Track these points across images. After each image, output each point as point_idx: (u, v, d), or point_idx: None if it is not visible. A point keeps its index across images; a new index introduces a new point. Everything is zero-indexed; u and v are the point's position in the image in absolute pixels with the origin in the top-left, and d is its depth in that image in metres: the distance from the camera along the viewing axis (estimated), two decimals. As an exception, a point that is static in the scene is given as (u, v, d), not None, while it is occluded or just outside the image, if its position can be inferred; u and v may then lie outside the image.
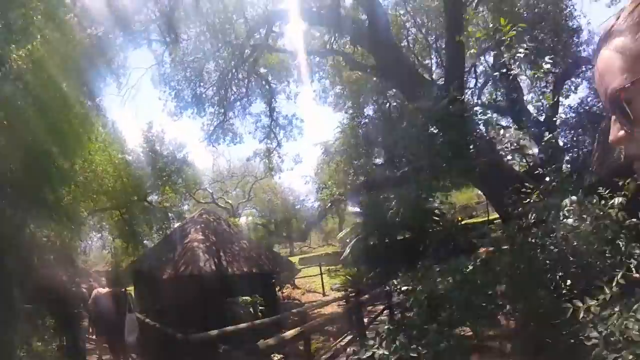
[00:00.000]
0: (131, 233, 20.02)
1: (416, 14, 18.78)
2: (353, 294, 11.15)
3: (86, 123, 12.41)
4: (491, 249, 4.86)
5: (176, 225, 21.11)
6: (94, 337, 10.95)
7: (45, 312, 8.80)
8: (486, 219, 20.18)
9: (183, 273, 13.22)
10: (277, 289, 18.10)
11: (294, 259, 25.16)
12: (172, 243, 15.46)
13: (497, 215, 11.82)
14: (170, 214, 21.39)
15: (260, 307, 12.58)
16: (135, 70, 20.02)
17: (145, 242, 20.64)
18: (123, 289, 7.92)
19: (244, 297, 12.77)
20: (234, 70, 18.10)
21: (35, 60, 8.04)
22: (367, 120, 22.05)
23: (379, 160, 22.02)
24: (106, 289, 7.80)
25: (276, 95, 21.97)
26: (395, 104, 20.79)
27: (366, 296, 10.85)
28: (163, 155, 20.58)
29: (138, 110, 62.95)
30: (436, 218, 20.18)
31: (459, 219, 22.03)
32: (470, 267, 4.60)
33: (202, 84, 20.36)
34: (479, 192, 21.47)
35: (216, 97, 20.83)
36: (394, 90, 18.12)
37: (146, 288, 15.32)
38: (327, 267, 24.25)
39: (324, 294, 19.34)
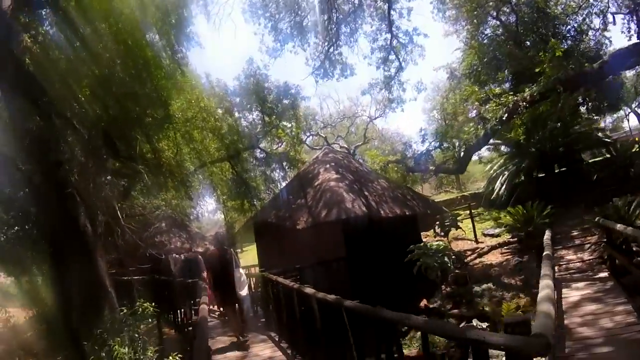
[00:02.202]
0: (244, 187, 17.23)
1: None
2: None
3: (176, 70, 10.71)
4: None
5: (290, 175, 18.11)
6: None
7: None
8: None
9: (325, 219, 9.78)
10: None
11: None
12: (299, 189, 12.10)
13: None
14: (284, 162, 18.16)
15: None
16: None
17: (261, 195, 17.76)
18: (226, 248, 7.48)
19: (433, 244, 9.22)
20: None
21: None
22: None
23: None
24: (213, 250, 7.84)
25: (394, 3, 17.19)
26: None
27: (547, 237, 8.54)
28: (268, 96, 17.13)
29: (232, 53, 61.65)
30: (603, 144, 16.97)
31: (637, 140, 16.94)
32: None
33: (301, 10, 16.57)
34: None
35: (320, 23, 17.01)
36: None
37: (274, 243, 12.30)
38: (458, 212, 19.80)
39: (476, 241, 14.92)
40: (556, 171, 18.06)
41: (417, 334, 8.22)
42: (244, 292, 7.17)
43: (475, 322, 7.80)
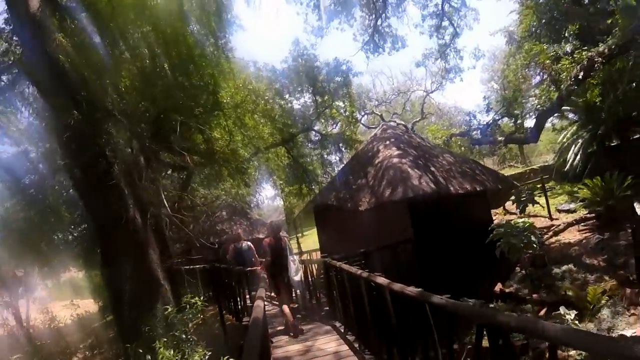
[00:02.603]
0: (301, 171, 16.77)
1: None
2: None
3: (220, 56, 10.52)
4: None
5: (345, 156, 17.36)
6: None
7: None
8: None
9: (390, 199, 8.98)
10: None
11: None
12: (358, 169, 11.33)
13: None
14: (341, 144, 17.47)
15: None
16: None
17: (319, 179, 17.23)
18: (280, 237, 7.64)
19: (518, 222, 8.23)
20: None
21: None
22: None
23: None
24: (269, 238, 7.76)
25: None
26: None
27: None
28: (318, 75, 16.40)
29: (276, 36, 61.53)
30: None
31: None
32: None
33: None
34: None
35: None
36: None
37: (335, 226, 11.72)
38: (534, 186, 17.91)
39: (551, 218, 13.29)
40: (632, 138, 15.79)
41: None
42: (297, 277, 7.35)
43: (562, 310, 6.67)
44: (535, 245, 8.41)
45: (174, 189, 20.30)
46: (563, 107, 17.14)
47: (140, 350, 4.34)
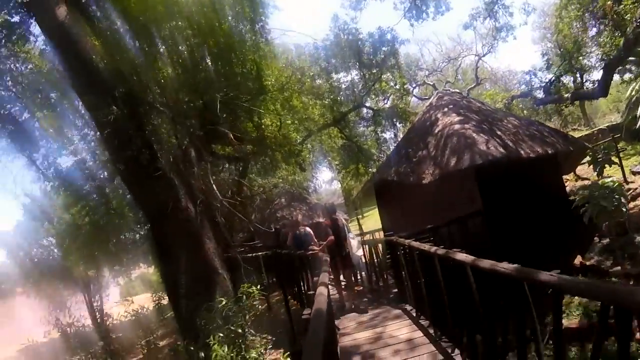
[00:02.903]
0: (357, 150, 16.17)
1: None
2: None
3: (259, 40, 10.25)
4: None
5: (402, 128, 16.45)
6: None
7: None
8: None
9: (456, 167, 8.21)
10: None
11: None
12: (417, 140, 10.56)
13: None
14: (394, 118, 16.58)
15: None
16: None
17: (375, 157, 16.54)
18: (336, 217, 7.77)
19: (606, 181, 7.24)
20: None
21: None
22: None
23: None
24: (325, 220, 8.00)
25: None
26: None
27: None
28: (363, 48, 15.45)
29: (313, 13, 60.59)
30: None
31: None
32: None
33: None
34: None
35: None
36: None
37: (397, 203, 11.12)
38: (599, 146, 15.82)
39: (626, 181, 11.68)
40: None
41: (574, 300, 6.57)
42: (360, 252, 7.54)
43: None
44: (624, 210, 7.30)
45: (231, 180, 20.78)
46: (630, 58, 15.08)
47: (192, 348, 4.10)
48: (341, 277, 7.96)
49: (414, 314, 6.01)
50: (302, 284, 8.12)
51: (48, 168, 11.18)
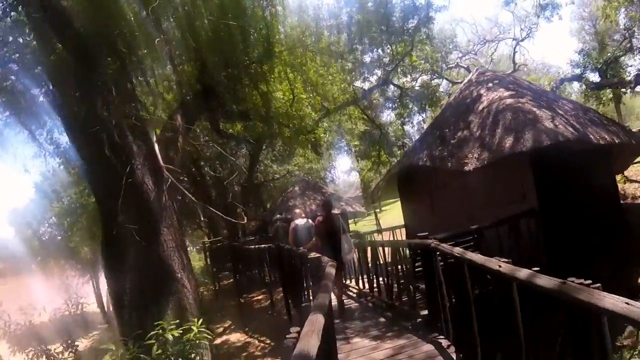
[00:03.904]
0: (379, 134, 14.25)
1: None
2: None
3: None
4: None
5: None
6: None
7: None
8: None
9: (514, 149, 6.36)
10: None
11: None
12: (455, 120, 8.64)
13: None
14: (423, 101, 14.42)
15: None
16: None
17: (400, 142, 14.59)
18: (334, 214, 7.17)
19: None
20: None
21: None
22: None
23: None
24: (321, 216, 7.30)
25: None
26: None
27: None
28: (392, 15, 13.19)
29: None
30: None
31: None
32: None
33: None
34: None
35: None
36: None
37: (427, 195, 9.21)
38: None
39: None
40: None
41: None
42: (350, 256, 6.99)
43: None
44: None
45: (243, 165, 19.33)
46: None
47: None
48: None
49: (453, 356, 4.19)
50: (300, 289, 6.80)
51: (53, 145, 9.82)
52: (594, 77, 14.62)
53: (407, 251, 6.31)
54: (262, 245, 10.97)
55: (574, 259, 5.93)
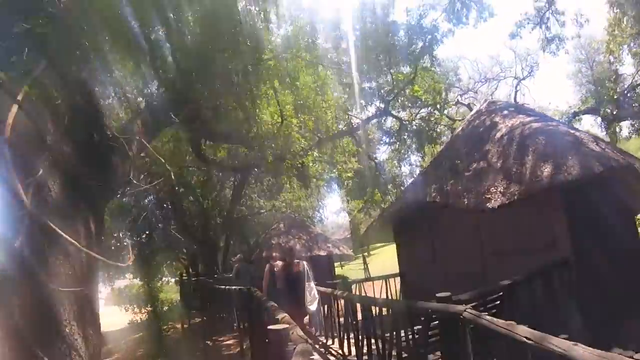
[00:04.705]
0: (374, 168, 12.94)
1: None
2: None
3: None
4: None
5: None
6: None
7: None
8: None
9: (551, 180, 5.06)
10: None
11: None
12: (468, 149, 7.36)
13: None
14: (423, 136, 13.13)
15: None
16: None
17: (396, 180, 13.28)
18: (297, 262, 6.55)
19: None
20: None
21: None
22: None
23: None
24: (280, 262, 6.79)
25: None
26: None
27: None
28: (395, 34, 11.95)
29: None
30: None
31: None
32: None
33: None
34: None
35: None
36: None
37: (430, 239, 7.76)
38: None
39: None
40: None
41: None
42: (314, 306, 6.33)
43: None
44: None
45: (228, 195, 17.96)
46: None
47: None
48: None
49: None
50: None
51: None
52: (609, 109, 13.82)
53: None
54: (233, 287, 9.36)
55: (609, 316, 5.00)
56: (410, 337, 4.31)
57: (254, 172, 15.00)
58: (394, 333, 4.22)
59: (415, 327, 4.17)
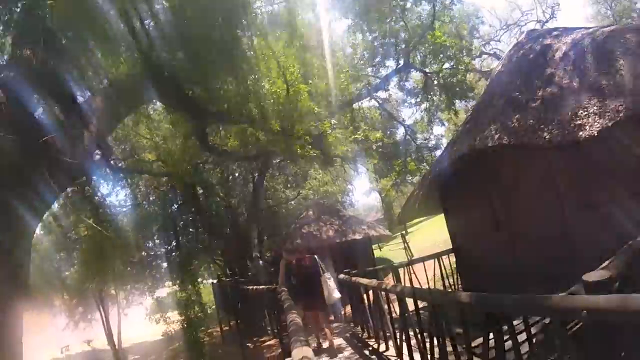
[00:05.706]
0: (404, 132, 11.36)
1: None
2: None
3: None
4: None
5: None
6: None
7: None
8: None
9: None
10: None
11: None
12: (520, 83, 5.70)
13: None
14: (452, 91, 11.41)
15: None
16: None
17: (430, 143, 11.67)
18: (308, 256, 6.54)
19: None
20: None
21: None
22: None
23: None
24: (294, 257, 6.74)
25: None
26: None
27: None
28: None
29: None
30: None
31: None
32: None
33: None
34: None
35: None
36: None
37: (496, 195, 6.06)
38: None
39: None
40: None
41: None
42: (336, 295, 6.21)
43: None
44: None
45: (249, 192, 17.02)
46: None
47: None
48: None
49: None
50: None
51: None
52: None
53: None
54: (261, 287, 8.31)
55: None
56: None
57: (274, 163, 14.06)
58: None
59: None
